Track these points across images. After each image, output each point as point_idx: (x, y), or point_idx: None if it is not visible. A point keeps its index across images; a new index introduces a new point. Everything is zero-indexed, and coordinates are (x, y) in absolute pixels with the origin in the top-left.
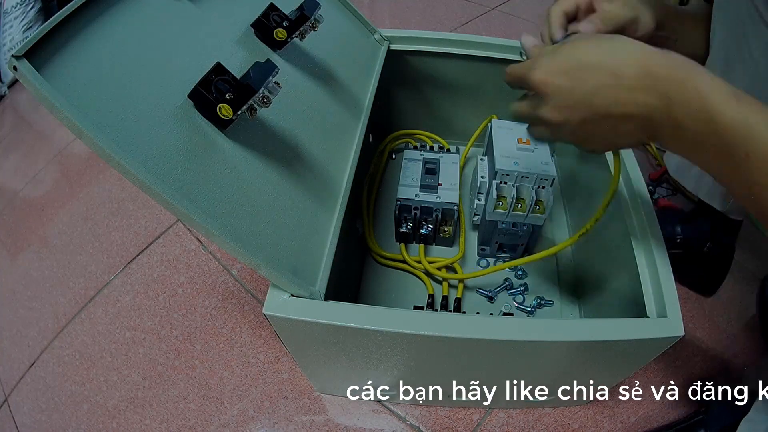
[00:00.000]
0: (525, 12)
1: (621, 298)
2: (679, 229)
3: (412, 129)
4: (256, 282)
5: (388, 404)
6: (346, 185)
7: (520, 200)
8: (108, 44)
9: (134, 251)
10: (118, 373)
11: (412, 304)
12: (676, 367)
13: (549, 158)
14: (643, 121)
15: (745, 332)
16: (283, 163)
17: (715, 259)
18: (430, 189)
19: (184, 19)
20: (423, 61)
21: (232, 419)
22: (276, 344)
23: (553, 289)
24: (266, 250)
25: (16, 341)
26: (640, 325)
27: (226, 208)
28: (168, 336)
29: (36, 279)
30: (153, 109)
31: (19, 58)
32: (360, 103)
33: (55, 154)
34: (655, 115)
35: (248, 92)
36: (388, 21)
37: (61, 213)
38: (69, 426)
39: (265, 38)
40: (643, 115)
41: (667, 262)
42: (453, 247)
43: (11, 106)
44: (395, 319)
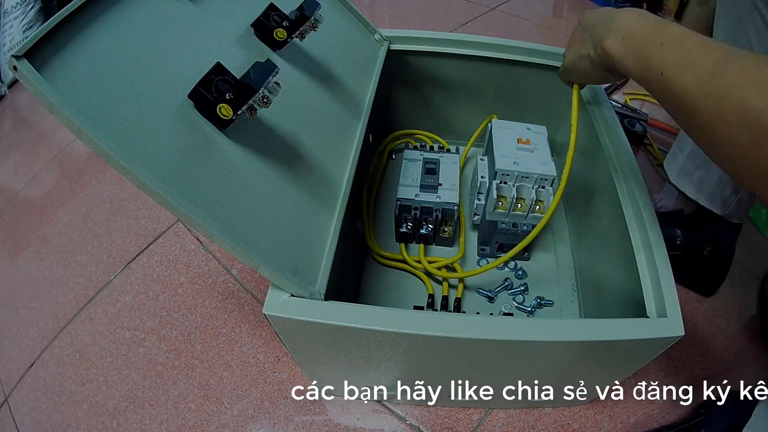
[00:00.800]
0: (525, 12)
1: (621, 298)
2: (679, 232)
3: (412, 129)
4: (256, 282)
5: (388, 404)
6: (346, 185)
7: (520, 200)
8: (108, 44)
9: (134, 251)
10: (118, 373)
11: (412, 304)
12: (676, 367)
13: (549, 158)
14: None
15: (745, 332)
16: (283, 163)
17: (715, 262)
18: (430, 189)
19: (184, 19)
20: (423, 61)
21: (232, 419)
22: (276, 344)
23: (553, 289)
24: (266, 250)
25: (16, 341)
26: (640, 325)
27: (226, 208)
28: (168, 336)
29: (36, 279)
30: (153, 109)
31: (19, 58)
32: (360, 103)
33: (55, 154)
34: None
35: (248, 92)
36: (388, 21)
37: (61, 213)
38: (69, 426)
39: (265, 38)
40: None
41: (667, 262)
42: (453, 247)
43: (11, 106)
44: (395, 319)
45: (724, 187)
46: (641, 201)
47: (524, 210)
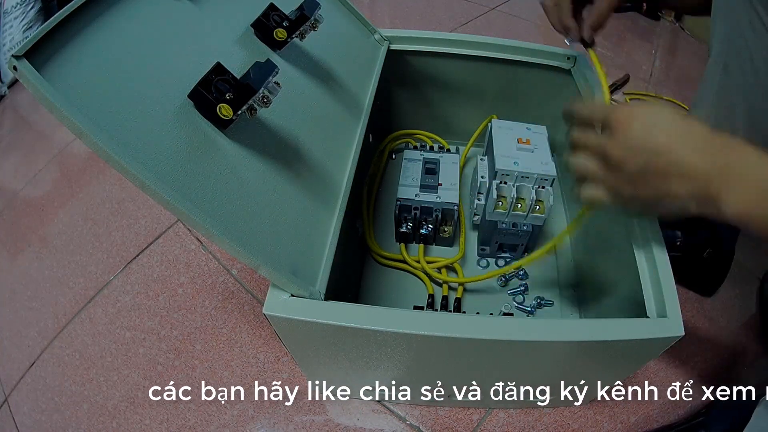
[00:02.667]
0: (525, 12)
1: (621, 298)
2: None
3: (412, 129)
4: (256, 282)
5: (388, 404)
6: (346, 185)
7: (520, 200)
8: (108, 44)
9: (134, 251)
10: (118, 373)
11: (412, 304)
12: (676, 367)
13: (549, 158)
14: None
15: (745, 332)
16: (283, 163)
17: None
18: (430, 189)
19: (184, 19)
20: (423, 61)
21: (232, 419)
22: (276, 344)
23: (553, 289)
24: (266, 250)
25: (16, 341)
26: (640, 325)
27: (226, 208)
28: (168, 336)
29: (36, 279)
30: (153, 109)
31: (19, 58)
32: (360, 103)
33: (55, 154)
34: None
35: (248, 92)
36: (388, 21)
37: (61, 213)
38: (69, 426)
39: (265, 38)
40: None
41: (667, 262)
42: (453, 247)
43: (11, 106)
44: (395, 319)
45: None
46: None
47: (524, 210)
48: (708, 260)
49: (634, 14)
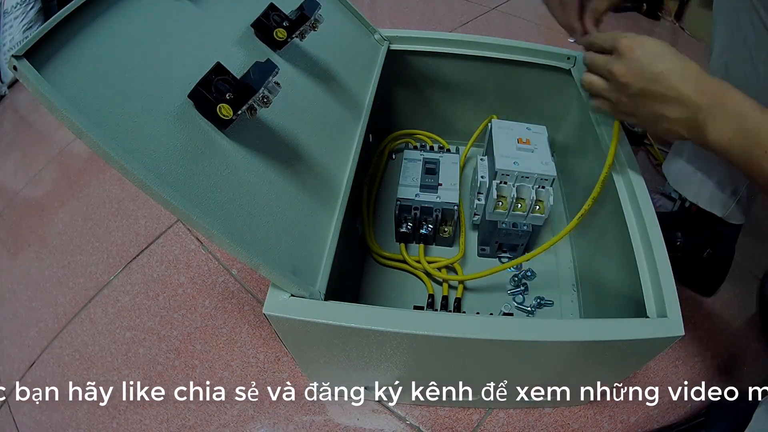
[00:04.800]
0: (525, 12)
1: (621, 298)
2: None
3: (412, 129)
4: (256, 282)
5: (388, 404)
6: (346, 185)
7: (520, 200)
8: (108, 44)
9: (134, 251)
10: (118, 373)
11: (412, 304)
12: (676, 367)
13: (549, 158)
14: (689, 114)
15: (745, 332)
16: (283, 163)
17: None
18: (430, 189)
19: (184, 19)
20: (423, 61)
21: (232, 419)
22: (276, 344)
23: (553, 289)
24: (266, 250)
25: (16, 341)
26: (640, 325)
27: (226, 208)
28: (168, 336)
29: (36, 279)
30: (153, 109)
31: (19, 58)
32: (360, 103)
33: (55, 154)
34: (700, 112)
35: (248, 92)
36: (388, 21)
37: (61, 213)
38: (69, 426)
39: (265, 38)
40: (690, 108)
41: (667, 261)
42: (453, 247)
43: (11, 106)
44: (395, 319)
45: (724, 189)
46: (641, 201)
47: (524, 210)
48: (708, 260)
49: (634, 14)
